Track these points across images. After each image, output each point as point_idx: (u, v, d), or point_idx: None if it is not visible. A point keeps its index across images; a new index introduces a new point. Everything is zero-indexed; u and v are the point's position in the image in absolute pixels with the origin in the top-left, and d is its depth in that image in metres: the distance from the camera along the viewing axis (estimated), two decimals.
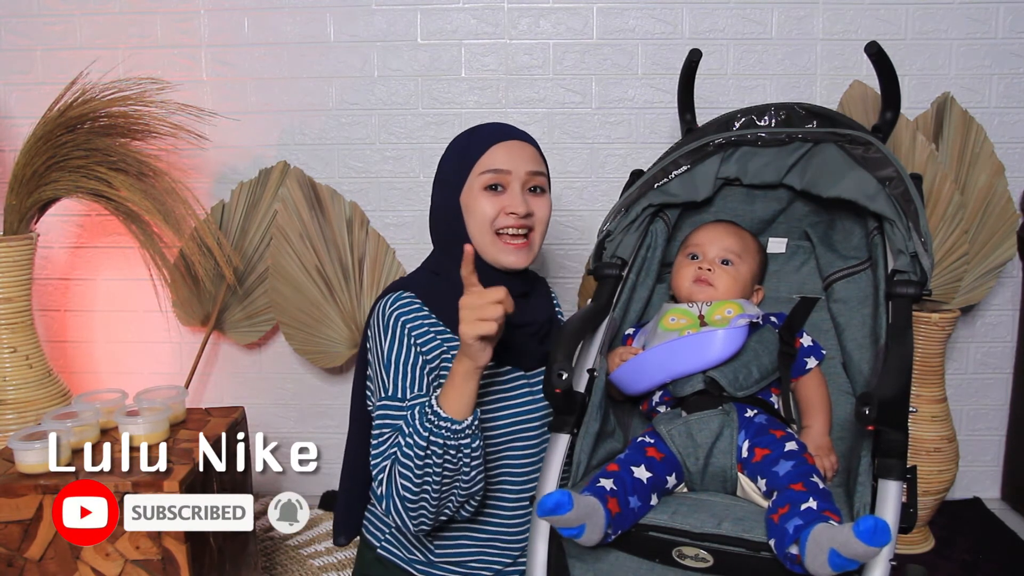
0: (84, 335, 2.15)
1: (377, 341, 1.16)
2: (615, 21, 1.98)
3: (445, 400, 1.06)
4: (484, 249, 1.19)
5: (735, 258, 1.24)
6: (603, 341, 1.20)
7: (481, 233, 1.18)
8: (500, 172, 1.18)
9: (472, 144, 1.21)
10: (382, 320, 1.16)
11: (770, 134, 1.26)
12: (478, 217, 1.18)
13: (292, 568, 1.78)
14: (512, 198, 1.18)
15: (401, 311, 1.16)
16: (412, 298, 1.18)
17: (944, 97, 1.87)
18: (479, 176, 1.18)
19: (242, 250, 2.01)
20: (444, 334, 1.17)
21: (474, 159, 1.19)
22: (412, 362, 1.13)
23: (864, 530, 0.80)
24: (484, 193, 1.18)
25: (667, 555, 0.96)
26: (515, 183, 1.19)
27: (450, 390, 1.07)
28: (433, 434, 1.04)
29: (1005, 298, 2.06)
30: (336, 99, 2.03)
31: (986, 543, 1.89)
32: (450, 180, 1.21)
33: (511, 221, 1.18)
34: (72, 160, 1.72)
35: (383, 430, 1.12)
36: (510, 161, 1.18)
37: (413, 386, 1.12)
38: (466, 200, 1.19)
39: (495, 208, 1.18)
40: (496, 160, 1.18)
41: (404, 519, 1.09)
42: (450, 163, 1.23)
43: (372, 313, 1.20)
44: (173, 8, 2.00)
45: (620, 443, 1.18)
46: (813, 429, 1.15)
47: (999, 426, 2.13)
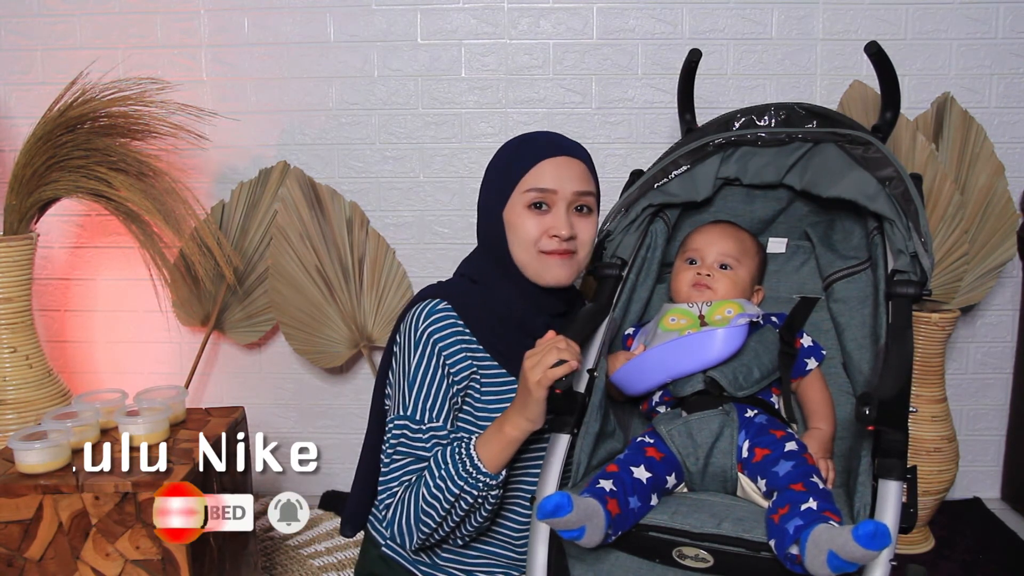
0: (84, 335, 2.15)
1: (405, 354, 1.14)
2: (615, 21, 1.98)
3: (486, 451, 1.04)
4: (526, 266, 1.16)
5: (733, 262, 1.24)
6: (603, 341, 1.20)
7: (524, 252, 1.15)
8: (545, 191, 1.14)
9: (520, 157, 1.16)
10: (414, 334, 1.13)
11: (770, 134, 1.26)
12: (521, 236, 1.14)
13: (292, 568, 1.78)
14: (556, 219, 1.14)
15: (433, 327, 1.13)
16: (447, 310, 1.14)
17: (944, 97, 1.87)
18: (523, 194, 1.14)
19: (242, 250, 2.01)
20: (476, 352, 1.15)
21: (519, 175, 1.15)
22: (438, 385, 1.11)
23: (863, 534, 0.79)
24: (527, 211, 1.14)
25: (667, 555, 0.96)
26: (560, 203, 1.14)
27: (495, 445, 1.04)
28: (469, 484, 1.04)
29: (1005, 298, 2.06)
30: (336, 99, 2.03)
31: (986, 543, 1.89)
32: (494, 193, 1.17)
33: (554, 245, 1.14)
34: (72, 160, 1.72)
35: (398, 450, 1.11)
36: (557, 180, 1.14)
37: (434, 410, 1.11)
38: (509, 216, 1.16)
39: (539, 229, 1.14)
40: (542, 179, 1.14)
41: (406, 542, 1.10)
42: (496, 173, 1.19)
43: (404, 319, 1.17)
44: (173, 8, 2.00)
45: (620, 443, 1.18)
46: (822, 432, 1.14)
47: (999, 426, 2.13)
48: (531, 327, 1.16)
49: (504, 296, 1.18)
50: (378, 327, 2.01)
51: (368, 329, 2.02)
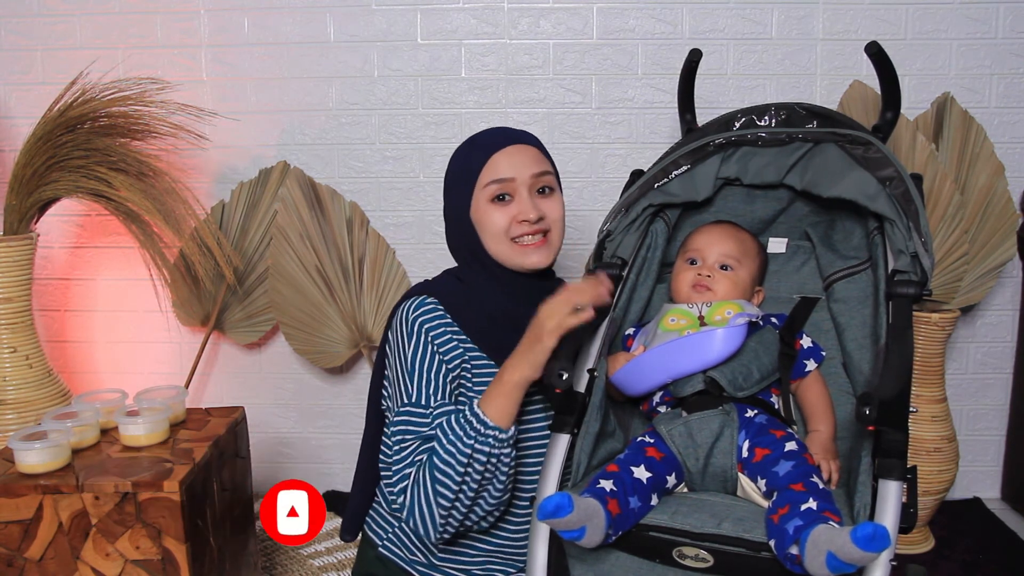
0: (84, 335, 2.15)
1: (400, 346, 1.14)
2: (615, 21, 1.98)
3: (490, 408, 1.04)
4: (505, 258, 1.18)
5: (734, 263, 1.24)
6: (603, 341, 1.20)
7: (498, 244, 1.17)
8: (504, 181, 1.16)
9: (472, 157, 1.19)
10: (405, 325, 1.14)
11: (770, 134, 1.26)
12: (491, 230, 1.17)
13: (292, 568, 1.78)
14: (521, 204, 1.16)
15: (423, 316, 1.14)
16: (435, 304, 1.16)
17: (944, 97, 1.87)
18: (484, 189, 1.16)
19: (242, 250, 2.01)
20: (466, 343, 1.16)
21: (476, 173, 1.17)
22: (436, 369, 1.12)
23: (861, 536, 0.79)
24: (492, 205, 1.16)
25: (667, 555, 0.96)
26: (521, 189, 1.17)
27: (498, 398, 1.04)
28: (479, 442, 1.03)
29: (1005, 298, 2.06)
30: (336, 99, 2.03)
31: (986, 543, 1.89)
32: (456, 198, 1.19)
33: (525, 229, 1.17)
34: (72, 160, 1.72)
35: (406, 437, 1.10)
36: (512, 168, 1.16)
37: (437, 393, 1.11)
38: (476, 216, 1.18)
39: (506, 218, 1.16)
40: (498, 170, 1.16)
41: (428, 527, 1.07)
42: (454, 180, 1.21)
43: (393, 316, 1.19)
44: (173, 8, 2.00)
45: (620, 443, 1.18)
46: (822, 434, 1.14)
47: (999, 426, 2.13)
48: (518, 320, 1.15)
49: (488, 292, 1.19)
50: (378, 327, 2.01)
51: (368, 329, 2.02)
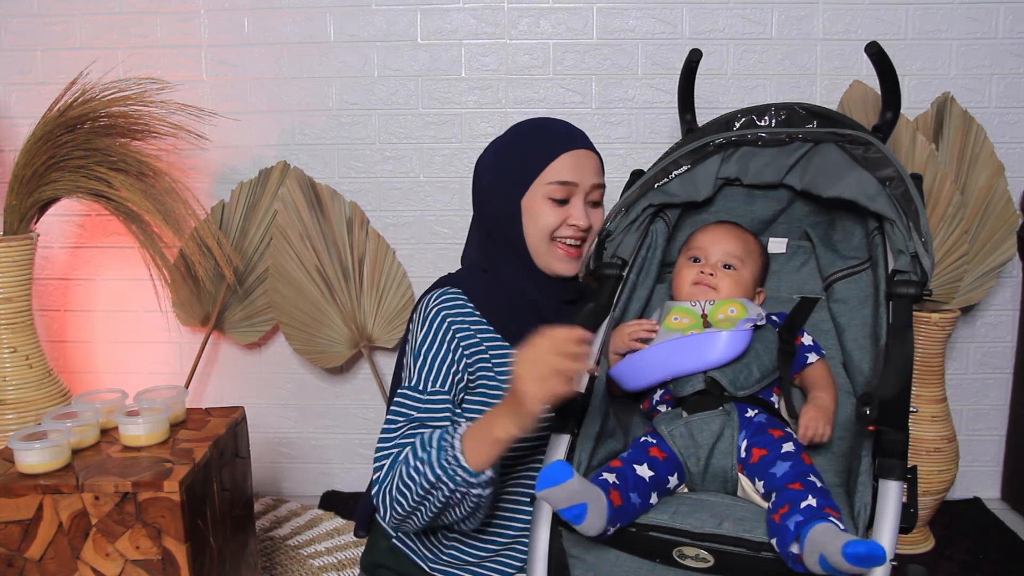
0: (84, 335, 2.15)
1: (414, 334, 1.16)
2: (615, 21, 1.98)
3: (471, 446, 0.99)
4: (538, 254, 1.19)
5: (737, 262, 1.24)
6: (603, 341, 1.20)
7: (538, 239, 1.18)
8: (568, 185, 1.18)
9: (539, 146, 1.19)
10: (425, 313, 1.16)
11: (770, 134, 1.26)
12: (540, 224, 1.18)
13: (292, 568, 1.78)
14: (575, 210, 1.18)
15: (446, 308, 1.15)
16: (459, 294, 1.17)
17: (944, 97, 1.87)
18: (546, 185, 1.17)
19: (242, 250, 2.01)
20: (487, 333, 1.16)
21: (541, 166, 1.17)
22: (442, 357, 1.12)
23: (852, 553, 0.79)
24: (548, 203, 1.18)
25: (667, 555, 0.96)
26: (579, 195, 1.19)
27: (480, 443, 0.98)
28: (446, 474, 0.99)
29: (1005, 298, 2.06)
30: (336, 99, 2.03)
31: (986, 543, 1.89)
32: (510, 180, 1.19)
33: (571, 232, 1.19)
34: (72, 160, 1.72)
35: (397, 418, 1.11)
36: (577, 173, 1.18)
37: (436, 380, 1.11)
38: (528, 205, 1.18)
39: (558, 219, 1.18)
40: (564, 172, 1.17)
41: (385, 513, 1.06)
42: (511, 158, 1.21)
43: (417, 307, 1.20)
44: (173, 8, 2.00)
45: (621, 444, 1.18)
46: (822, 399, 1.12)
47: (999, 426, 2.13)
48: (542, 310, 1.19)
49: (514, 279, 1.20)
50: (378, 327, 2.01)
51: (368, 329, 2.02)
